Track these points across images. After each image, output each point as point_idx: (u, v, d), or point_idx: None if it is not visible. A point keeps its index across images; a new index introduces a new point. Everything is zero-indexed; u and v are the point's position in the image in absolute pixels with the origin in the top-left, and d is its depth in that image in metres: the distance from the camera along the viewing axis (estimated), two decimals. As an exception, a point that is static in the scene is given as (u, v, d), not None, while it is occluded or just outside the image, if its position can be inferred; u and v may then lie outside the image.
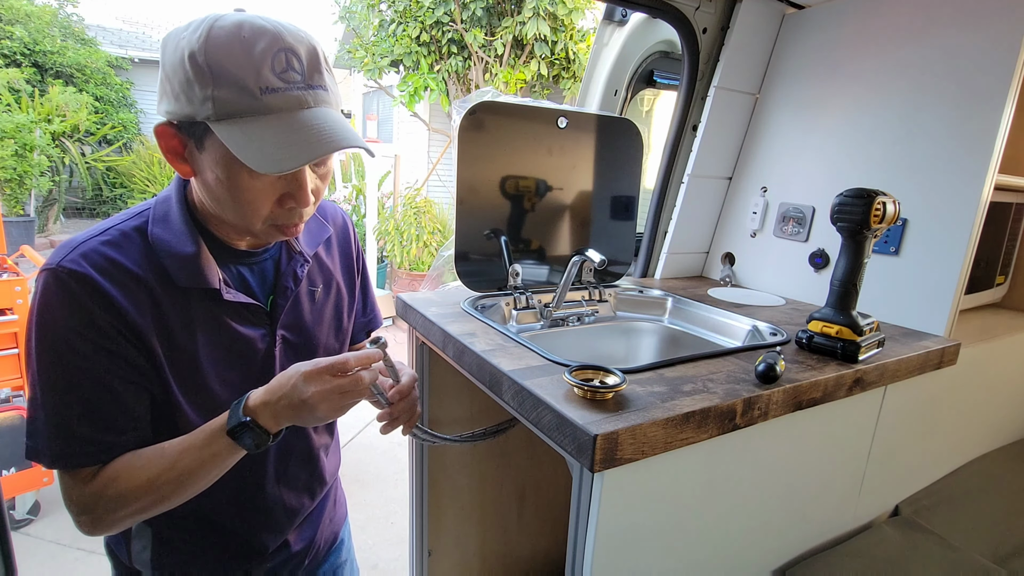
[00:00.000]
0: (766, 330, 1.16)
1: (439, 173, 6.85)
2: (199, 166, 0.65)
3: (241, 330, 0.74)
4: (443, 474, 1.31)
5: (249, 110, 0.59)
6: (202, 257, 0.69)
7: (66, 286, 0.62)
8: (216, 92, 0.58)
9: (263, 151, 0.59)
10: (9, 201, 6.90)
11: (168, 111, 0.62)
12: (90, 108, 8.13)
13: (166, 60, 0.61)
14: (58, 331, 0.62)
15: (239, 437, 0.65)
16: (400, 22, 6.01)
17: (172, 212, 0.70)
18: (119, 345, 0.64)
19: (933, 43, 1.23)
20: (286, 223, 0.69)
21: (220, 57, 0.58)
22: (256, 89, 0.58)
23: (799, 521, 1.03)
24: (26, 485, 2.09)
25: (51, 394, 0.63)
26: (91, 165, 8.30)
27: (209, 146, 0.62)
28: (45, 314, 0.62)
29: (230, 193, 0.65)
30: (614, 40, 1.90)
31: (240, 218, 0.67)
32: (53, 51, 8.55)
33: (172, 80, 0.60)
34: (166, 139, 0.64)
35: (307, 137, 0.60)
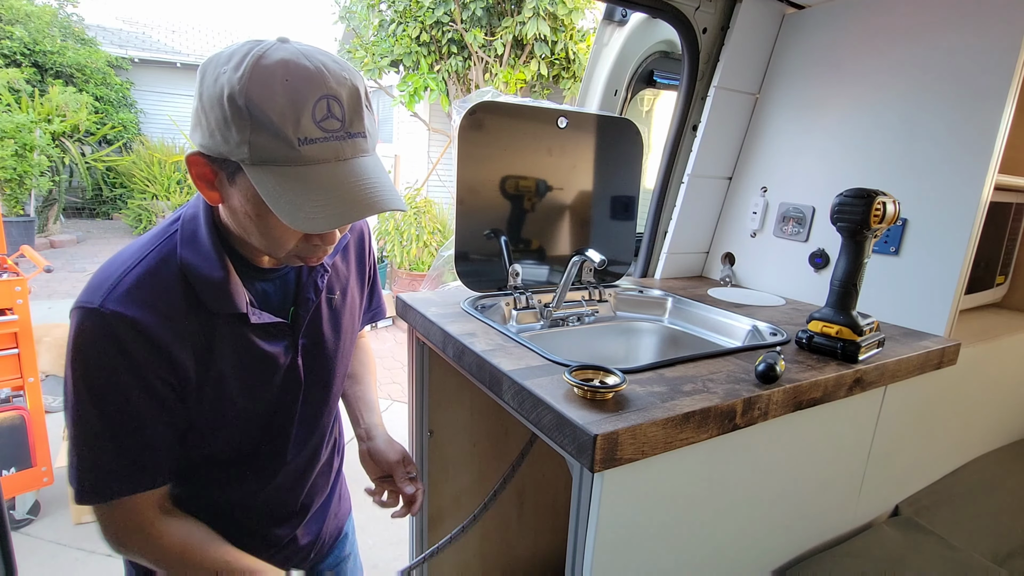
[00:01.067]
0: (766, 330, 1.16)
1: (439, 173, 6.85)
2: (228, 195, 0.64)
3: (266, 347, 0.75)
4: (443, 474, 1.31)
5: (285, 160, 0.58)
6: (231, 282, 0.70)
7: (109, 328, 0.62)
8: (253, 137, 0.57)
9: (295, 205, 0.58)
10: (9, 201, 6.90)
11: (202, 144, 0.61)
12: (90, 108, 8.13)
13: (204, 91, 0.59)
14: (100, 372, 0.63)
15: None
16: (400, 22, 6.01)
17: (200, 233, 0.69)
18: (157, 385, 0.66)
19: (933, 43, 1.23)
20: (310, 255, 0.70)
21: (260, 102, 0.56)
22: (295, 139, 0.57)
23: (799, 521, 1.03)
24: (26, 485, 2.09)
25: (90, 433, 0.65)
26: (91, 165, 8.30)
27: (240, 182, 0.62)
28: (87, 354, 0.63)
29: (257, 228, 0.65)
30: (614, 40, 1.90)
31: (265, 248, 0.68)
32: (53, 51, 8.55)
33: (208, 115, 0.59)
34: (197, 167, 0.63)
35: (342, 196, 0.59)
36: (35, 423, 2.07)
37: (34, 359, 2.08)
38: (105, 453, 0.65)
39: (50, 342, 3.40)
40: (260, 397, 0.76)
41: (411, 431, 1.26)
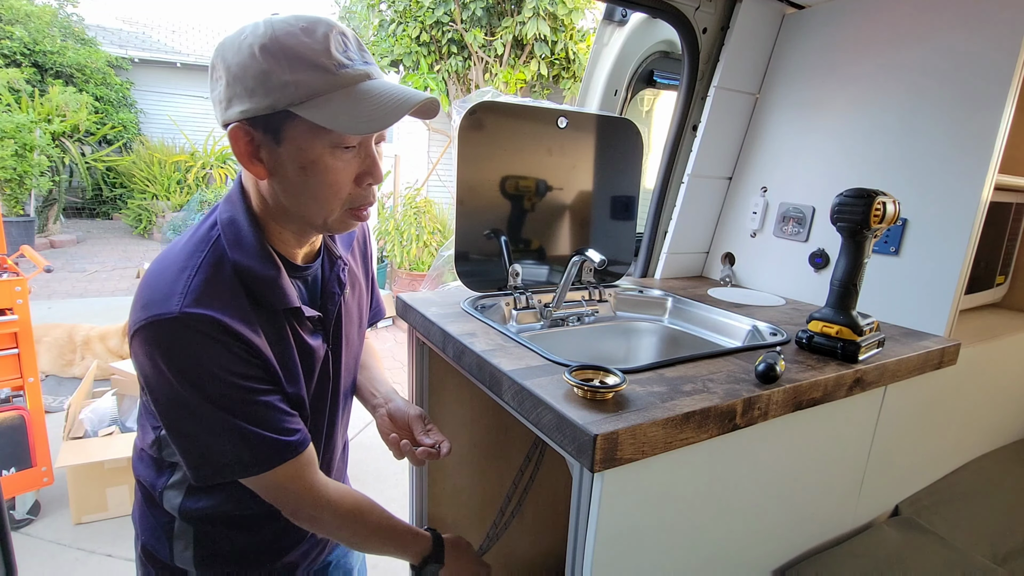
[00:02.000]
0: (766, 330, 1.16)
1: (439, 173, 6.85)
2: (275, 163, 0.67)
3: (310, 341, 0.78)
4: (443, 474, 1.31)
5: (328, 87, 0.62)
6: (282, 278, 0.72)
7: (200, 334, 0.64)
8: (294, 76, 0.61)
9: (353, 116, 0.62)
10: (9, 201, 6.90)
11: (243, 110, 0.63)
12: (90, 108, 8.13)
13: (231, 63, 0.63)
14: (202, 370, 0.65)
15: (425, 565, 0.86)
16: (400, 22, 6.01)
17: (244, 234, 0.71)
18: (258, 370, 0.69)
19: (934, 43, 1.23)
20: (362, 204, 0.73)
21: (291, 43, 0.61)
22: (331, 66, 0.62)
23: (799, 521, 1.03)
24: (26, 485, 2.09)
25: (226, 422, 0.67)
26: (91, 165, 8.30)
27: (288, 137, 0.64)
28: (183, 359, 0.64)
29: (313, 178, 0.67)
30: (614, 40, 1.90)
31: (321, 205, 0.69)
32: (53, 51, 8.55)
33: (244, 78, 0.62)
34: (240, 142, 0.65)
35: (390, 98, 0.65)
36: (35, 423, 2.07)
37: (34, 359, 2.08)
38: (244, 435, 0.67)
39: (50, 342, 3.41)
40: (304, 390, 0.79)
41: (411, 431, 1.26)
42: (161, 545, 0.82)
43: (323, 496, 0.76)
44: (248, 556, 0.83)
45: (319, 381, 0.81)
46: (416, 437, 0.94)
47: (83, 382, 2.53)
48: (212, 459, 0.68)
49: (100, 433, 2.24)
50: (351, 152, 0.68)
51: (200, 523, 0.80)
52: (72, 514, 2.17)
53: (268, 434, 0.69)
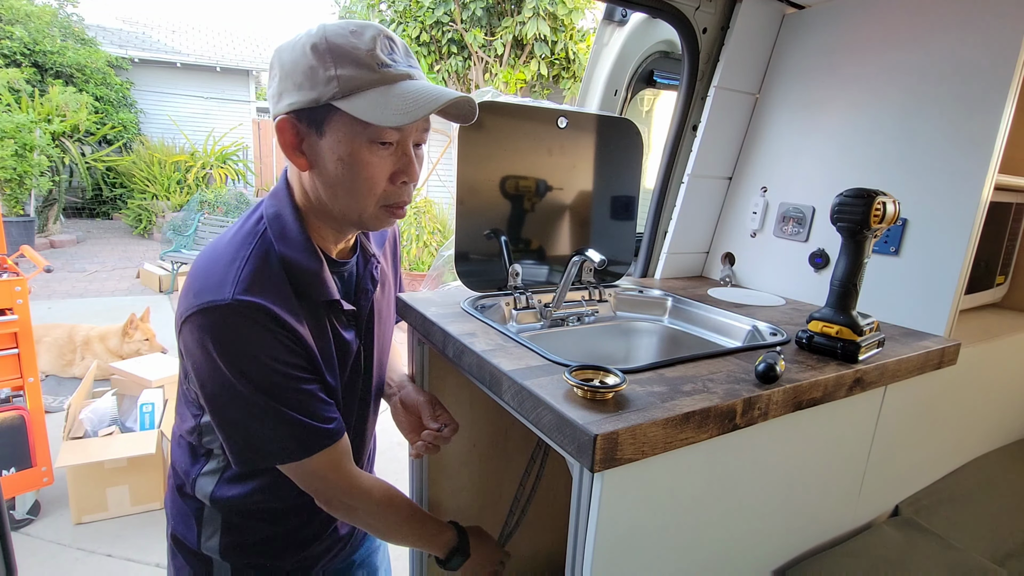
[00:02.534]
0: (766, 330, 1.16)
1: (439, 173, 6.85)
2: (317, 155, 0.70)
3: (345, 335, 0.81)
4: (443, 474, 1.31)
5: (370, 82, 0.67)
6: (324, 271, 0.75)
7: (250, 320, 0.67)
8: (339, 71, 0.65)
9: (390, 110, 0.66)
10: (9, 201, 6.90)
11: (291, 103, 0.67)
12: (90, 108, 8.13)
13: (285, 62, 0.68)
14: (251, 356, 0.67)
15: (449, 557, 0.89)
16: (400, 22, 6.01)
17: (290, 228, 0.74)
18: (302, 359, 0.72)
19: (934, 43, 1.23)
20: (397, 201, 0.75)
21: (339, 42, 0.66)
22: (375, 64, 0.67)
23: (799, 521, 1.03)
24: (26, 485, 2.09)
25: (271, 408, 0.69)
26: (91, 165, 8.30)
27: (330, 129, 0.68)
28: (234, 344, 0.67)
29: (350, 171, 0.70)
30: (614, 40, 1.90)
31: (356, 199, 0.72)
32: (53, 51, 8.55)
33: (294, 73, 0.67)
34: (286, 134, 0.69)
35: (425, 96, 0.68)
36: (35, 423, 2.07)
37: (34, 359, 2.08)
38: (288, 421, 0.70)
39: (50, 342, 3.41)
40: (337, 383, 0.81)
41: (411, 431, 1.26)
42: (189, 532, 0.84)
43: (358, 485, 0.78)
44: (272, 547, 0.85)
45: (351, 375, 0.84)
46: (424, 421, 0.96)
47: (83, 382, 2.53)
48: (256, 444, 0.71)
49: (100, 433, 2.24)
50: (388, 149, 0.71)
51: (229, 512, 0.82)
52: (72, 514, 2.17)
53: (310, 421, 0.71)
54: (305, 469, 0.74)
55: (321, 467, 0.74)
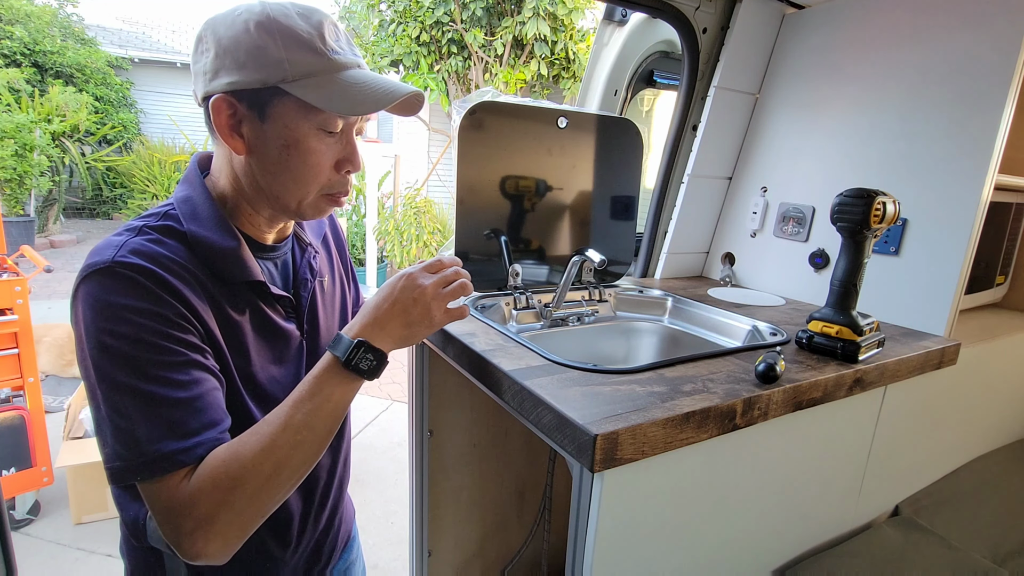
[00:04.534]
0: (766, 330, 1.16)
1: (439, 173, 6.85)
2: (257, 139, 0.66)
3: (282, 324, 0.75)
4: (443, 474, 1.31)
5: (322, 69, 0.64)
6: (243, 251, 0.70)
7: (128, 279, 0.58)
8: (289, 55, 0.63)
9: (347, 99, 0.64)
10: (9, 201, 6.90)
11: (230, 82, 0.63)
12: (90, 108, 8.13)
13: (222, 35, 0.63)
14: (128, 325, 0.57)
15: (356, 362, 0.65)
16: (400, 22, 6.01)
17: (201, 209, 0.68)
18: (190, 334, 0.61)
19: (934, 42, 1.23)
20: (339, 191, 0.73)
21: (288, 24, 0.63)
22: (326, 50, 0.64)
23: (799, 521, 1.03)
24: (26, 485, 2.09)
25: (131, 397, 0.57)
26: (91, 165, 8.30)
27: (274, 114, 0.65)
28: (108, 312, 0.57)
29: (296, 158, 0.67)
30: (614, 40, 1.90)
31: (299, 186, 0.69)
32: (53, 51, 8.55)
33: (236, 51, 0.62)
34: (222, 114, 0.64)
35: (378, 85, 0.66)
36: (35, 423, 2.07)
37: (34, 359, 2.08)
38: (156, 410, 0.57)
39: (50, 342, 3.41)
40: (279, 381, 0.75)
41: (411, 431, 1.26)
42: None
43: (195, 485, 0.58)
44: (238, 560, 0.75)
45: (294, 368, 0.76)
46: None
47: (83, 382, 2.53)
48: (110, 452, 0.57)
49: (100, 433, 2.24)
50: (333, 138, 0.69)
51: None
52: (72, 514, 2.17)
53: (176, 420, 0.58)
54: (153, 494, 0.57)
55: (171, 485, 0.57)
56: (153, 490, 0.57)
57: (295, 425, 0.61)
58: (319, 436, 0.64)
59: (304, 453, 0.62)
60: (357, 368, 0.65)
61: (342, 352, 0.65)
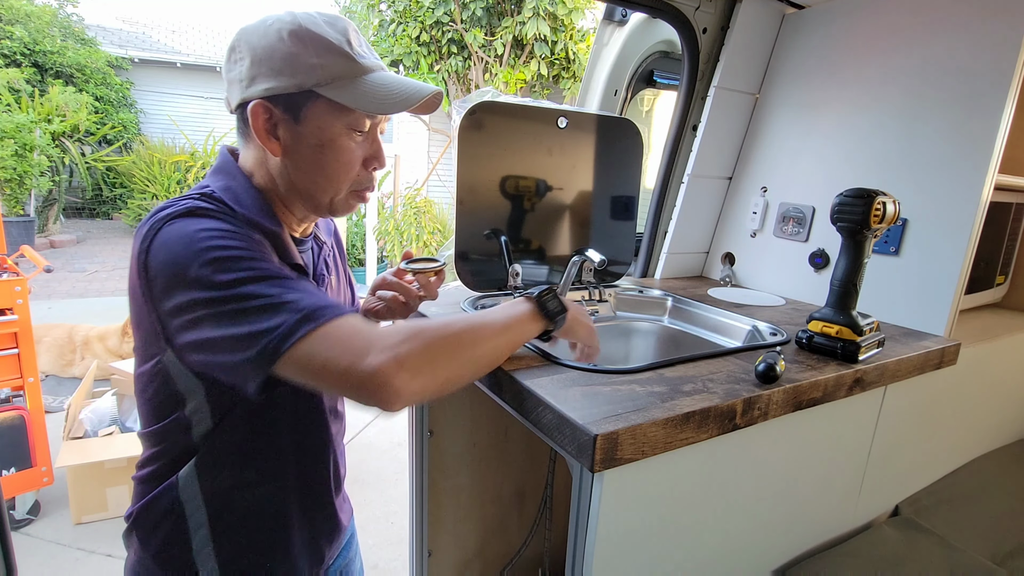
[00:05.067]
0: (766, 330, 1.16)
1: (439, 173, 6.85)
2: (292, 141, 0.70)
3: None
4: (443, 474, 1.31)
5: (352, 72, 0.69)
6: (286, 235, 0.74)
7: (213, 214, 0.64)
8: (321, 60, 0.67)
9: (377, 99, 0.69)
10: (9, 201, 6.90)
11: (267, 88, 0.67)
12: (90, 108, 8.13)
13: (256, 44, 0.68)
14: (234, 239, 0.62)
15: (545, 301, 0.78)
16: (400, 22, 6.01)
17: (244, 197, 0.71)
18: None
19: (934, 42, 1.23)
20: (366, 187, 0.78)
21: (318, 32, 0.68)
22: (354, 55, 0.69)
23: (799, 521, 1.03)
24: (26, 485, 2.09)
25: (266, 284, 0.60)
26: (91, 165, 8.30)
27: (308, 116, 0.69)
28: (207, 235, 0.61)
29: (329, 156, 0.71)
30: (614, 40, 1.90)
31: (332, 183, 0.73)
32: (53, 51, 8.55)
33: (272, 58, 0.67)
34: (259, 118, 0.69)
35: (403, 87, 0.71)
36: (35, 423, 2.07)
37: (34, 359, 2.08)
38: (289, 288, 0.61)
39: (50, 342, 3.41)
40: None
41: (411, 431, 1.26)
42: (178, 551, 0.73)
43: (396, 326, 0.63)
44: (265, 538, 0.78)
45: None
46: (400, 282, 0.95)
47: (83, 382, 2.53)
48: (265, 322, 0.58)
49: (100, 433, 2.24)
50: (362, 136, 0.73)
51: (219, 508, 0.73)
52: (72, 514, 2.17)
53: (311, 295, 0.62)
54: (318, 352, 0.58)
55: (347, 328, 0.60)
56: (327, 333, 0.58)
57: (479, 321, 0.70)
58: (496, 345, 0.71)
59: (483, 352, 0.69)
60: (544, 307, 0.78)
61: (534, 292, 0.78)
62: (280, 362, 0.58)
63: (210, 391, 0.69)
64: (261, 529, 0.77)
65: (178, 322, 0.61)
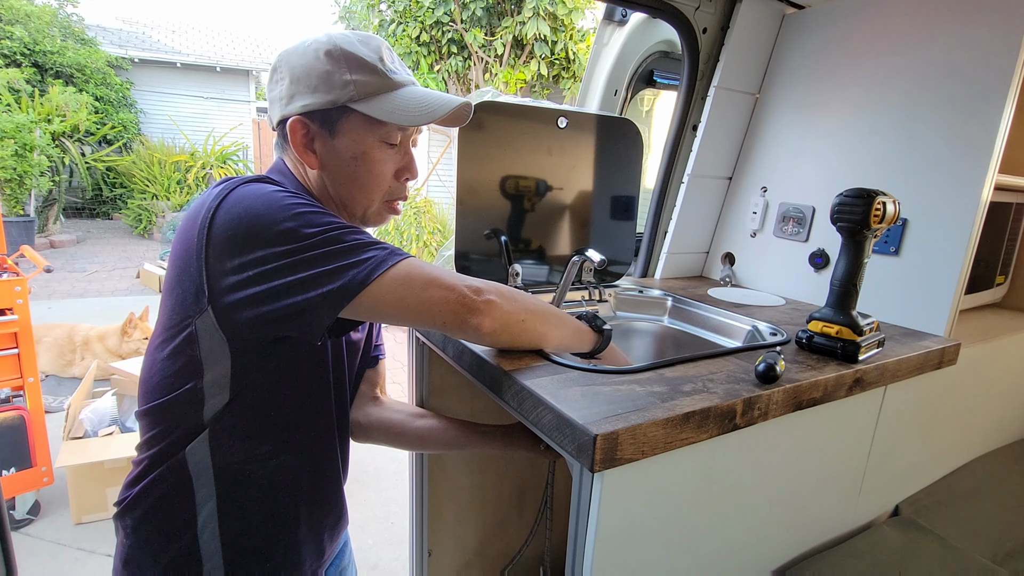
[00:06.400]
0: (766, 330, 1.16)
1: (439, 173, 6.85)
2: (328, 154, 0.75)
3: None
4: (443, 474, 1.31)
5: (384, 88, 0.73)
6: None
7: (281, 184, 0.69)
8: (355, 76, 0.71)
9: (404, 112, 0.72)
10: (9, 201, 6.90)
11: (304, 104, 0.72)
12: (90, 108, 8.14)
13: (293, 66, 0.73)
14: (305, 200, 0.67)
15: (603, 328, 0.89)
16: (400, 22, 6.01)
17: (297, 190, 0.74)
18: None
19: (934, 43, 1.23)
20: (398, 197, 0.82)
21: (352, 50, 0.72)
22: (386, 71, 0.73)
23: (799, 521, 1.03)
24: (26, 485, 2.09)
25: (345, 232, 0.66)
26: (91, 165, 8.31)
27: (342, 130, 0.73)
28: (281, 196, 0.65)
29: (363, 168, 0.75)
30: (614, 40, 1.90)
31: (366, 194, 0.77)
32: (53, 51, 8.55)
33: (309, 77, 0.71)
34: (297, 133, 0.73)
35: (433, 100, 0.74)
36: (35, 423, 2.07)
37: (34, 359, 2.08)
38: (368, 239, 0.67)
39: (50, 342, 3.41)
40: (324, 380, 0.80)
41: (411, 431, 1.26)
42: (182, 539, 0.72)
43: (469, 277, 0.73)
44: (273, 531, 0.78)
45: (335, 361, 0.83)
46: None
47: (83, 382, 2.53)
48: (351, 260, 0.64)
49: (100, 433, 2.24)
50: (394, 149, 0.77)
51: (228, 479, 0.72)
52: (72, 514, 2.17)
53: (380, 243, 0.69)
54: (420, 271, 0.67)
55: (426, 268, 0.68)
56: (418, 263, 0.68)
57: (552, 310, 0.83)
58: (557, 332, 0.83)
59: (546, 328, 0.81)
60: (601, 331, 0.89)
61: (596, 324, 0.89)
62: (367, 291, 0.63)
63: (237, 359, 0.68)
64: (271, 505, 0.76)
65: (238, 278, 0.63)
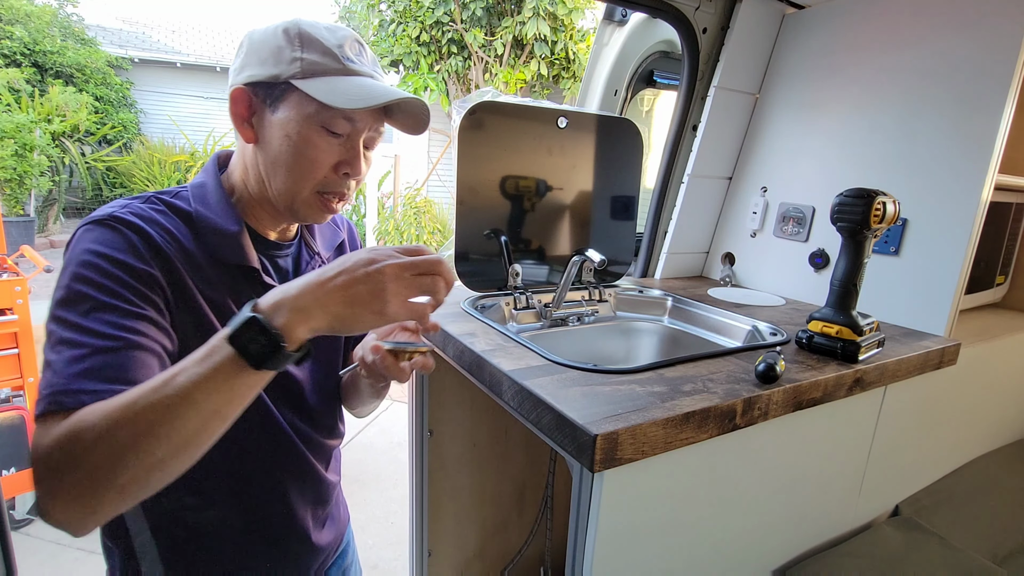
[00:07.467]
0: (766, 330, 1.16)
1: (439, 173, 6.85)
2: (264, 129, 0.71)
3: None
4: (443, 474, 1.31)
5: (332, 71, 0.69)
6: (243, 237, 0.73)
7: (118, 232, 0.62)
8: (304, 55, 0.68)
9: (347, 95, 0.68)
10: (9, 201, 6.90)
11: (250, 75, 0.69)
12: (90, 108, 8.13)
13: (254, 40, 0.70)
14: (97, 272, 0.59)
15: (245, 341, 0.51)
16: (400, 22, 6.01)
17: (211, 195, 0.73)
18: (156, 295, 0.62)
19: (934, 42, 1.23)
20: (335, 191, 0.74)
21: (311, 32, 0.69)
22: (340, 56, 0.70)
23: (799, 521, 1.03)
24: (26, 485, 2.09)
25: (68, 331, 0.56)
26: (91, 165, 8.30)
27: (284, 106, 0.69)
28: (87, 258, 0.59)
29: (294, 149, 0.70)
30: (614, 40, 1.90)
31: (294, 179, 0.71)
32: (53, 51, 8.55)
33: (261, 50, 0.69)
34: (239, 103, 0.70)
35: (376, 89, 0.70)
36: (35, 423, 2.07)
37: (34, 359, 2.08)
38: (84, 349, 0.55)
39: (50, 342, 3.41)
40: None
41: (411, 431, 1.26)
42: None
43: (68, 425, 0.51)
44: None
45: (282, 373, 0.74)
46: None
47: (83, 382, 2.52)
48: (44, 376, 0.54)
49: (100, 433, 2.24)
50: (338, 139, 0.71)
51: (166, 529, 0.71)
52: (72, 514, 2.17)
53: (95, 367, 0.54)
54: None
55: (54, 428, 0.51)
56: (35, 431, 0.52)
57: (171, 388, 0.50)
58: (198, 411, 0.50)
59: (176, 425, 0.50)
60: (245, 349, 0.51)
61: (232, 326, 0.52)
62: None
63: None
64: (214, 547, 0.75)
65: None
